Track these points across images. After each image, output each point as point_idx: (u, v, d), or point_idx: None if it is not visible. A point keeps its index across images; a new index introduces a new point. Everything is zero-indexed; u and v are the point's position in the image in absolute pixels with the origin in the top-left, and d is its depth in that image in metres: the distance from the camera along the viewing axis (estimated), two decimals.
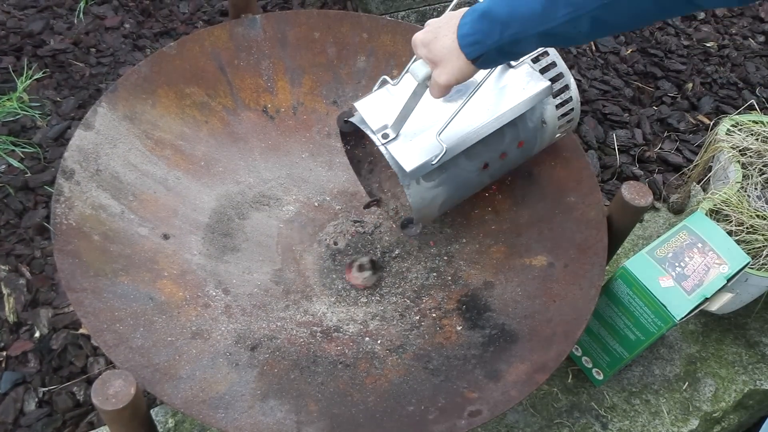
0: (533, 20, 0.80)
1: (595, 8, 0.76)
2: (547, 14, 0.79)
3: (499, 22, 0.82)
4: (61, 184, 1.09)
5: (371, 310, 1.22)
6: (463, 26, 0.86)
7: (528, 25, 0.81)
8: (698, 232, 1.20)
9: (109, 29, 1.95)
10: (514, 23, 0.81)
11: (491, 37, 0.84)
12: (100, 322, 0.98)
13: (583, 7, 0.76)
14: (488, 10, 0.83)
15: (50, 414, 1.26)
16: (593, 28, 0.79)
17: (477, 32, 0.85)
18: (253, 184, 1.36)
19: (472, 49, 0.86)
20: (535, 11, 0.79)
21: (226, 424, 0.91)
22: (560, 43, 0.86)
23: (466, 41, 0.86)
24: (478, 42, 0.85)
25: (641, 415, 1.32)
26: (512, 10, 0.81)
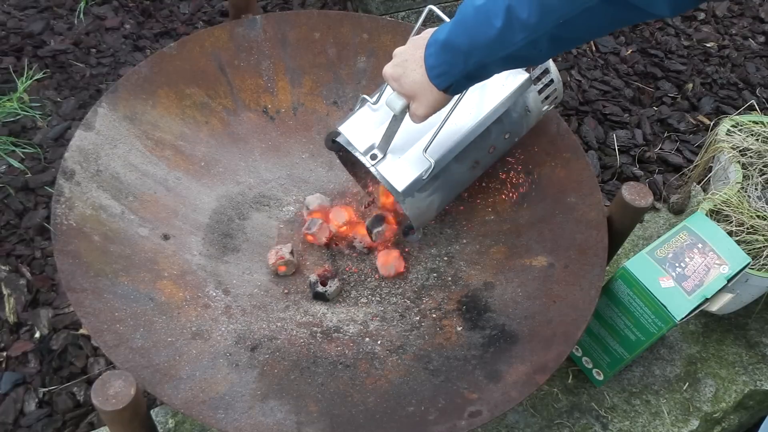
0: (493, 47, 0.82)
1: (552, 28, 0.77)
2: (504, 40, 0.80)
3: (461, 52, 0.85)
4: (62, 184, 1.09)
5: (371, 311, 1.22)
6: (429, 58, 0.88)
7: (489, 52, 0.83)
8: (698, 233, 1.20)
9: (110, 30, 1.95)
10: (476, 52, 0.83)
11: (457, 67, 0.86)
12: (101, 322, 0.98)
13: (539, 29, 0.78)
14: (449, 41, 0.85)
15: (50, 414, 1.26)
16: (552, 46, 0.81)
17: (443, 63, 0.87)
18: (254, 184, 1.36)
19: (441, 80, 0.89)
20: (492, 38, 0.81)
21: (226, 424, 0.91)
22: (523, 64, 0.88)
23: (434, 73, 0.89)
24: (446, 73, 0.88)
25: (641, 415, 1.32)
26: (471, 40, 0.83)
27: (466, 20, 0.83)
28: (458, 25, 0.85)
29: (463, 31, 0.84)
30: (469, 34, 0.83)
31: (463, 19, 0.84)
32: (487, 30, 0.80)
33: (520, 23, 0.78)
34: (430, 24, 1.00)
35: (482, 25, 0.81)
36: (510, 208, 1.31)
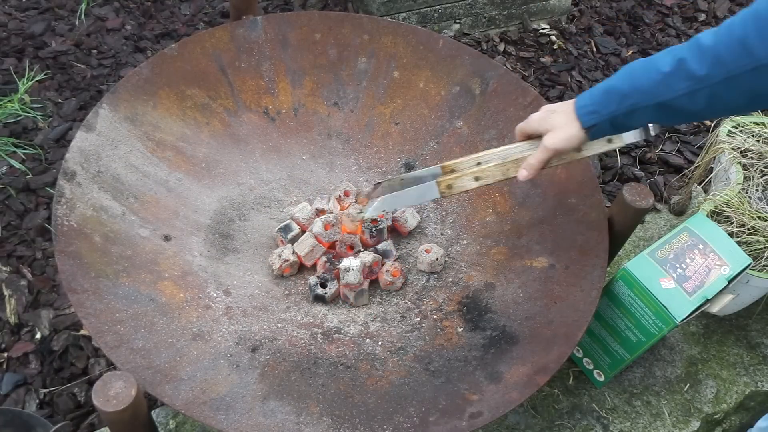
0: (653, 91, 0.87)
1: (716, 83, 0.81)
2: (667, 85, 0.85)
3: (618, 93, 0.90)
4: (63, 185, 1.09)
5: (372, 312, 1.22)
6: (581, 99, 0.95)
7: (648, 96, 0.88)
8: (699, 234, 1.20)
9: (111, 31, 1.95)
10: (634, 94, 0.89)
11: (608, 107, 0.92)
12: (101, 323, 0.98)
13: (704, 80, 0.82)
14: (610, 86, 0.92)
15: (51, 415, 1.26)
16: (709, 103, 0.84)
17: (596, 103, 0.93)
18: (254, 185, 1.36)
19: (588, 117, 0.94)
20: (656, 81, 0.86)
21: (227, 425, 0.91)
22: (674, 118, 0.91)
23: (584, 111, 0.94)
24: (596, 111, 0.93)
25: (642, 416, 1.32)
26: (633, 83, 0.89)
27: (632, 69, 0.90)
28: (621, 73, 0.91)
29: (626, 77, 0.90)
30: (632, 79, 0.89)
31: (628, 69, 0.91)
32: (653, 75, 0.86)
33: (688, 73, 0.83)
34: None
35: (648, 71, 0.87)
36: (510, 209, 1.31)
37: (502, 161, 1.03)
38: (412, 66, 1.43)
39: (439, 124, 1.42)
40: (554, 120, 0.97)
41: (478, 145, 1.37)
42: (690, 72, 0.82)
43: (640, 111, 0.89)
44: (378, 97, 1.44)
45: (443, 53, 1.42)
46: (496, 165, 1.03)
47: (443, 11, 2.07)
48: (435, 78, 1.43)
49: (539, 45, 2.18)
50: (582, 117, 0.94)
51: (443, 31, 2.12)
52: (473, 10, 2.12)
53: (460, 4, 2.08)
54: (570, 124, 0.96)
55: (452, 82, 1.41)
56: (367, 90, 1.44)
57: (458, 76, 1.41)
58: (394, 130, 1.44)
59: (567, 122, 0.96)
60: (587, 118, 0.94)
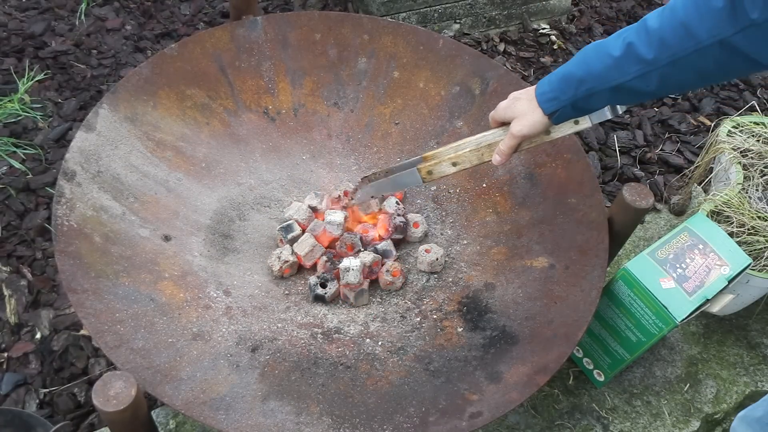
0: (607, 75, 0.90)
1: (664, 65, 0.84)
2: (619, 69, 0.88)
3: (575, 79, 0.93)
4: (63, 185, 1.09)
5: (372, 312, 1.22)
6: (541, 86, 0.98)
7: (602, 81, 0.90)
8: (699, 234, 1.20)
9: (111, 31, 1.95)
10: (589, 79, 0.91)
11: (567, 93, 0.95)
12: (101, 323, 0.98)
13: (653, 63, 0.85)
14: (566, 72, 0.94)
15: (51, 415, 1.26)
16: (661, 84, 0.87)
17: (554, 90, 0.96)
18: (254, 185, 1.36)
19: (549, 104, 0.97)
20: (608, 66, 0.88)
21: (227, 425, 0.91)
22: (630, 99, 0.94)
23: (544, 98, 0.97)
24: (555, 98, 0.96)
25: (642, 416, 1.32)
26: (587, 68, 0.91)
27: (585, 54, 0.93)
28: (575, 59, 0.94)
29: (580, 62, 0.93)
30: (586, 64, 0.92)
31: (582, 55, 0.93)
32: (605, 59, 0.89)
33: (636, 56, 0.86)
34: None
35: (601, 56, 0.90)
36: (510, 209, 1.31)
37: (476, 146, 1.08)
38: (412, 66, 1.43)
39: (439, 124, 1.42)
40: (518, 107, 1.00)
41: None
42: (639, 55, 0.85)
43: (598, 94, 0.92)
44: (378, 97, 1.44)
45: (443, 53, 1.42)
46: (471, 150, 1.08)
47: (443, 11, 2.07)
48: (435, 78, 1.43)
49: (539, 45, 2.18)
50: (543, 104, 0.97)
51: (443, 31, 2.12)
52: (473, 10, 2.12)
53: (460, 4, 2.08)
54: (533, 111, 0.99)
55: (452, 82, 1.41)
56: (367, 90, 1.44)
57: (458, 76, 1.41)
58: (394, 130, 1.44)
59: (530, 109, 0.99)
60: (548, 105, 0.97)
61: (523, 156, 1.33)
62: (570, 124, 1.03)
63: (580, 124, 1.03)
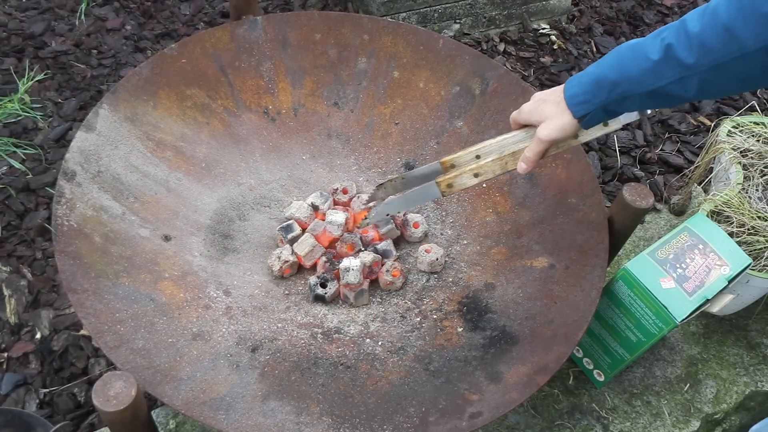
0: (644, 79, 0.85)
1: (706, 70, 0.80)
2: (657, 73, 0.84)
3: (608, 82, 0.88)
4: (63, 185, 1.09)
5: (372, 312, 1.22)
6: (571, 88, 0.93)
7: (638, 84, 0.86)
8: (699, 234, 1.20)
9: (111, 31, 1.95)
10: (624, 82, 0.87)
11: (599, 97, 0.90)
12: (101, 323, 0.98)
13: (693, 68, 0.81)
14: (599, 75, 0.90)
15: (51, 415, 1.26)
16: (700, 89, 0.83)
17: (586, 92, 0.91)
18: (254, 185, 1.36)
19: (579, 107, 0.92)
20: (646, 70, 0.84)
21: (227, 425, 0.91)
22: (665, 103, 0.90)
23: (575, 101, 0.92)
24: (587, 101, 0.91)
25: (642, 416, 1.32)
26: (623, 71, 0.87)
27: (621, 55, 0.88)
28: (609, 61, 0.89)
29: (615, 64, 0.88)
30: (621, 66, 0.87)
31: (616, 56, 0.89)
32: (642, 62, 0.85)
33: (676, 61, 0.81)
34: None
35: (637, 58, 0.85)
36: (511, 208, 1.31)
37: (499, 155, 1.02)
38: (412, 66, 1.43)
39: (439, 124, 1.42)
40: (546, 110, 0.95)
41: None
42: (678, 59, 0.81)
43: (632, 98, 0.88)
44: (378, 97, 1.44)
45: (443, 53, 1.42)
46: (494, 160, 1.03)
47: (443, 11, 2.07)
48: (435, 78, 1.43)
49: (539, 45, 2.18)
50: (573, 107, 0.92)
51: (443, 31, 2.12)
52: (473, 10, 2.12)
53: (460, 4, 2.08)
54: (562, 114, 0.94)
55: (452, 82, 1.41)
56: (367, 90, 1.44)
57: (458, 76, 1.41)
58: (394, 130, 1.44)
59: (559, 112, 0.94)
60: (578, 108, 0.92)
61: None
62: (599, 126, 1.00)
63: (609, 125, 1.00)
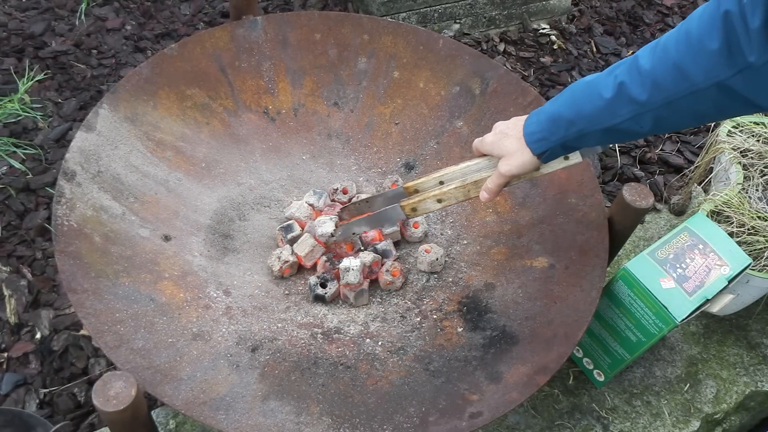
0: (599, 117, 0.86)
1: (658, 107, 0.81)
2: (611, 111, 0.85)
3: (564, 120, 0.90)
4: (63, 185, 1.10)
5: (372, 312, 1.22)
6: (530, 125, 0.95)
7: (593, 122, 0.87)
8: (699, 234, 1.20)
9: (111, 31, 1.95)
10: (579, 121, 0.88)
11: (556, 134, 0.91)
12: (101, 323, 0.98)
13: (646, 105, 0.81)
14: (555, 113, 0.91)
15: (51, 415, 1.26)
16: (655, 125, 0.84)
17: (543, 130, 0.93)
18: (254, 185, 1.36)
19: (538, 145, 0.94)
20: (600, 108, 0.85)
21: (227, 425, 0.91)
22: (621, 139, 0.91)
23: (533, 138, 0.94)
24: (544, 138, 0.93)
25: (642, 416, 1.32)
26: (578, 110, 0.88)
27: (575, 93, 0.90)
28: (564, 98, 0.91)
29: (569, 103, 0.90)
30: (575, 105, 0.89)
31: (571, 94, 0.90)
32: (595, 100, 0.86)
33: (629, 98, 0.82)
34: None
35: (591, 96, 0.87)
36: (510, 208, 1.31)
37: (462, 183, 1.05)
38: (412, 66, 1.43)
39: (439, 124, 1.42)
40: (507, 145, 0.97)
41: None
42: (631, 97, 0.82)
43: (589, 135, 0.89)
44: (378, 97, 1.44)
45: (443, 53, 1.42)
46: (456, 187, 1.06)
47: (443, 11, 2.07)
48: (435, 78, 1.43)
49: (539, 45, 2.18)
50: (531, 144, 0.94)
51: (443, 31, 2.12)
52: (473, 10, 2.12)
53: (460, 4, 2.08)
54: (522, 151, 0.95)
55: (452, 82, 1.42)
56: (367, 90, 1.44)
57: (458, 76, 1.41)
58: (394, 130, 1.44)
59: (519, 149, 0.96)
60: (536, 145, 0.94)
61: None
62: (560, 160, 1.01)
63: (570, 159, 1.02)
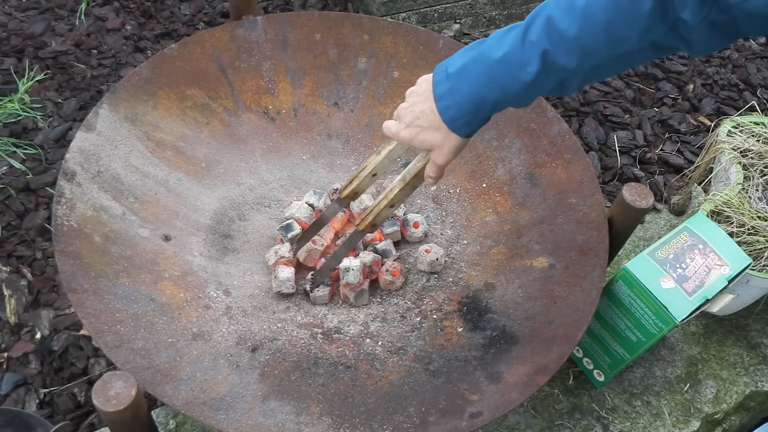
0: (526, 93, 0.83)
1: (588, 71, 0.79)
2: (539, 84, 0.82)
3: (490, 102, 0.86)
4: (63, 185, 1.09)
5: (372, 312, 1.22)
6: (447, 111, 0.89)
7: (521, 98, 0.85)
8: (699, 234, 1.20)
9: (111, 31, 1.95)
10: (506, 99, 0.85)
11: (480, 115, 0.89)
12: (101, 323, 0.98)
13: (575, 72, 0.79)
14: (477, 96, 0.86)
15: (51, 415, 1.26)
16: (581, 84, 0.83)
17: (467, 114, 0.88)
18: (254, 185, 1.36)
19: (463, 129, 0.90)
20: (527, 84, 0.82)
21: (227, 425, 0.91)
22: (545, 96, 0.92)
23: (457, 124, 0.90)
24: (469, 122, 0.89)
25: (642, 416, 1.32)
26: (504, 92, 0.84)
27: (493, 72, 0.83)
28: (481, 79, 0.85)
29: (491, 84, 0.84)
30: (500, 86, 0.84)
31: (487, 73, 0.84)
32: (522, 77, 0.81)
33: (557, 67, 0.79)
34: None
35: (514, 73, 0.82)
36: (510, 208, 1.31)
37: (404, 182, 1.05)
38: (412, 66, 1.43)
39: None
40: (429, 139, 0.93)
41: (477, 146, 1.37)
42: (558, 65, 0.79)
43: (515, 106, 0.87)
44: (378, 97, 1.44)
45: (443, 53, 1.42)
46: (402, 188, 1.05)
47: (443, 11, 2.07)
48: None
49: None
50: (457, 130, 0.90)
51: (443, 31, 2.12)
52: (473, 10, 2.12)
53: (460, 4, 2.08)
54: (449, 138, 0.92)
55: None
56: (367, 90, 1.44)
57: None
58: None
59: (444, 137, 0.92)
60: (462, 129, 0.90)
61: (523, 156, 1.33)
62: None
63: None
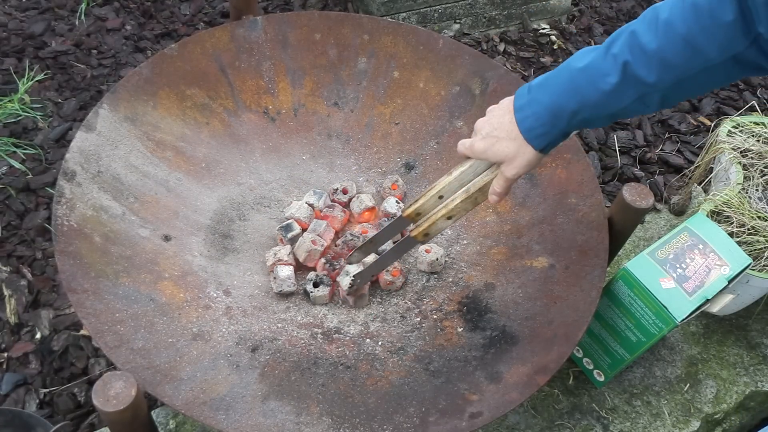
0: (605, 104, 0.82)
1: (668, 86, 0.78)
2: (618, 95, 0.81)
3: (567, 112, 0.85)
4: (63, 185, 1.09)
5: (372, 312, 1.22)
6: (525, 121, 0.88)
7: (599, 109, 0.83)
8: (699, 234, 1.20)
9: (111, 31, 1.95)
10: (584, 110, 0.84)
11: (558, 126, 0.87)
12: (101, 323, 0.98)
13: (655, 86, 0.78)
14: (555, 105, 0.86)
15: (51, 415, 1.26)
16: (662, 102, 0.81)
17: (544, 125, 0.87)
18: (254, 185, 1.36)
19: (540, 140, 0.89)
20: (606, 94, 0.81)
21: (227, 425, 0.91)
22: (623, 117, 0.89)
23: (533, 134, 0.88)
24: (546, 133, 0.88)
25: (642, 416, 1.32)
26: (583, 100, 0.83)
27: (574, 81, 0.84)
28: (561, 87, 0.85)
29: (570, 92, 0.84)
30: (578, 93, 0.83)
31: (569, 81, 0.84)
32: (601, 86, 0.81)
33: (637, 80, 0.78)
34: None
35: (594, 82, 0.81)
36: (510, 208, 1.31)
37: (467, 195, 1.00)
38: (412, 66, 1.43)
39: (439, 124, 1.42)
40: (503, 150, 0.91)
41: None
42: (638, 78, 0.78)
43: (593, 121, 0.86)
44: (378, 97, 1.44)
45: (443, 53, 1.42)
46: (463, 200, 1.00)
47: (443, 11, 2.07)
48: (435, 78, 1.43)
49: (539, 45, 2.18)
50: (532, 141, 0.89)
51: (443, 31, 2.12)
52: (473, 10, 2.12)
53: (460, 4, 2.08)
54: (523, 150, 0.90)
55: (452, 82, 1.41)
56: (367, 90, 1.44)
57: (458, 76, 1.41)
58: (394, 130, 1.44)
59: (519, 149, 0.90)
60: (538, 141, 0.89)
61: None
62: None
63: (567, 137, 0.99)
